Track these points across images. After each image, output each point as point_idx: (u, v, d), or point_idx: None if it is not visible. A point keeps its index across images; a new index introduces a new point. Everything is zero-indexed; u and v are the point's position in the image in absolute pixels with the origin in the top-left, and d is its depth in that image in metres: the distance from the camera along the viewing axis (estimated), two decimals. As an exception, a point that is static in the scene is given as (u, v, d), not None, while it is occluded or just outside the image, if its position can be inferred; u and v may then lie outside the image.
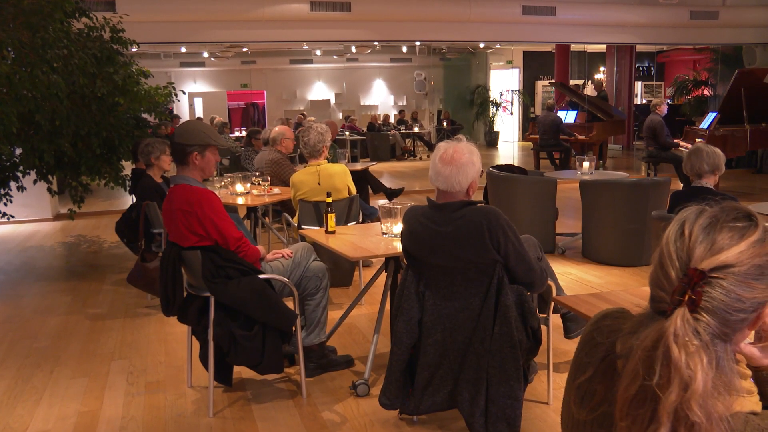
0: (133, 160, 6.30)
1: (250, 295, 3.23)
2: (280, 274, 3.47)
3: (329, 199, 4.00)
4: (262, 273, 3.34)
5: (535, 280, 2.82)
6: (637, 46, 16.32)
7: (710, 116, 10.35)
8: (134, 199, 5.86)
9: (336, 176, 4.90)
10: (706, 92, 15.66)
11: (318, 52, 18.96)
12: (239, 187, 5.84)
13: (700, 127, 10.22)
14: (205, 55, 18.40)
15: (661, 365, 1.05)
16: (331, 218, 3.88)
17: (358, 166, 8.02)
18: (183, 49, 16.40)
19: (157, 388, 3.73)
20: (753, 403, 1.19)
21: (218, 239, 3.22)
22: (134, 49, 6.91)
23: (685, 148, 9.17)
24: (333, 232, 3.89)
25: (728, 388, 1.09)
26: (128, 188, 6.77)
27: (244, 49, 17.03)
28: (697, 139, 9.39)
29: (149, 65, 7.94)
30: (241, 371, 3.74)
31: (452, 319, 2.82)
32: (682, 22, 11.82)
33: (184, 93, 9.92)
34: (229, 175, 6.09)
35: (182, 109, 19.32)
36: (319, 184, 4.83)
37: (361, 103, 21.39)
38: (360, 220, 5.16)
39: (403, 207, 3.40)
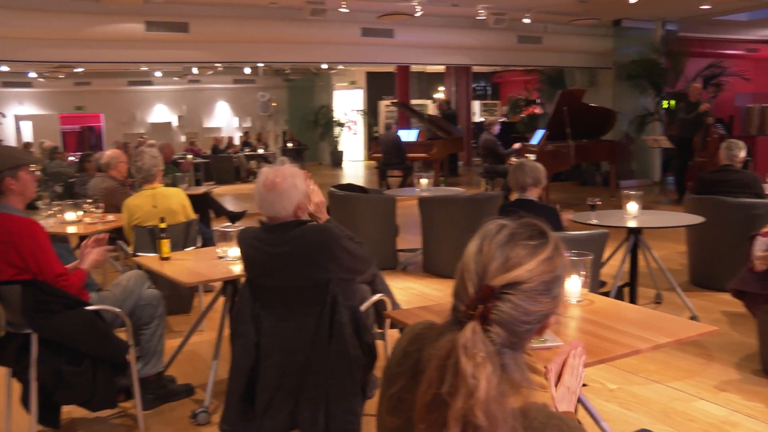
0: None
1: (78, 328, 3.06)
2: (111, 305, 3.32)
3: (163, 225, 3.88)
4: (89, 305, 3.18)
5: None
6: (473, 67, 17.16)
7: (539, 133, 11.06)
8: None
9: (172, 197, 4.78)
10: (537, 110, 16.70)
11: (158, 74, 18.40)
12: (70, 215, 5.52)
13: (531, 143, 10.89)
14: (33, 75, 17.29)
15: (451, 374, 1.12)
16: (165, 244, 3.77)
17: (201, 190, 7.86)
18: (5, 68, 15.31)
19: (-26, 436, 3.44)
20: (548, 397, 1.30)
21: (37, 273, 3.03)
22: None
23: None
24: (167, 258, 3.78)
25: (517, 388, 1.18)
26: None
27: (78, 70, 16.20)
28: (528, 155, 9.98)
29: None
30: (71, 410, 3.52)
31: (289, 339, 2.82)
32: (511, 45, 12.55)
33: (4, 116, 9.26)
34: (58, 202, 5.75)
35: (7, 133, 18.00)
36: (155, 206, 4.68)
37: (205, 126, 20.95)
38: (200, 245, 5.04)
39: (238, 230, 3.36)
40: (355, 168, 19.18)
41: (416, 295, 5.64)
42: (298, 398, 2.82)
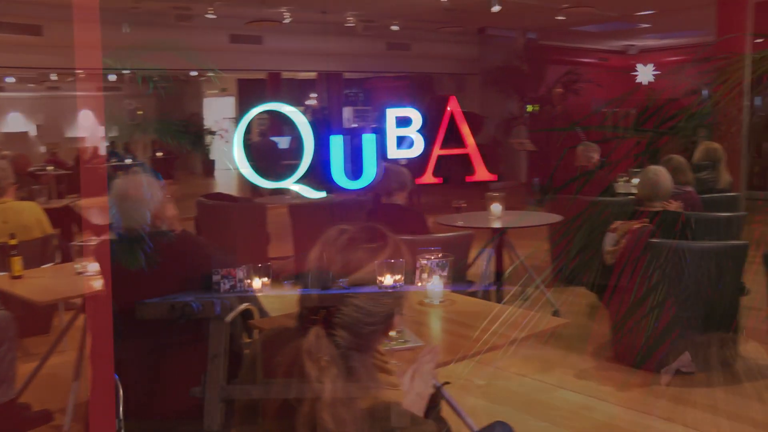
0: None
1: None
2: (-47, 329, 3.08)
3: (13, 241, 3.65)
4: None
5: None
6: (345, 73, 17.27)
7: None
8: None
9: (25, 212, 4.52)
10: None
11: (10, 79, 17.28)
12: None
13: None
14: None
15: (297, 380, 1.12)
16: (16, 261, 3.54)
17: (62, 203, 7.48)
18: None
19: None
20: (398, 394, 1.33)
21: None
22: None
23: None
24: (19, 277, 3.55)
25: (365, 389, 1.19)
26: None
27: None
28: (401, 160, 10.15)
29: None
30: None
31: (152, 355, 2.73)
32: (381, 52, 12.75)
33: None
34: None
35: None
36: (5, 222, 4.40)
37: (67, 135, 19.87)
38: (60, 260, 4.78)
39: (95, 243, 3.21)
40: (228, 176, 18.79)
41: (288, 302, 5.59)
42: (165, 415, 2.73)
